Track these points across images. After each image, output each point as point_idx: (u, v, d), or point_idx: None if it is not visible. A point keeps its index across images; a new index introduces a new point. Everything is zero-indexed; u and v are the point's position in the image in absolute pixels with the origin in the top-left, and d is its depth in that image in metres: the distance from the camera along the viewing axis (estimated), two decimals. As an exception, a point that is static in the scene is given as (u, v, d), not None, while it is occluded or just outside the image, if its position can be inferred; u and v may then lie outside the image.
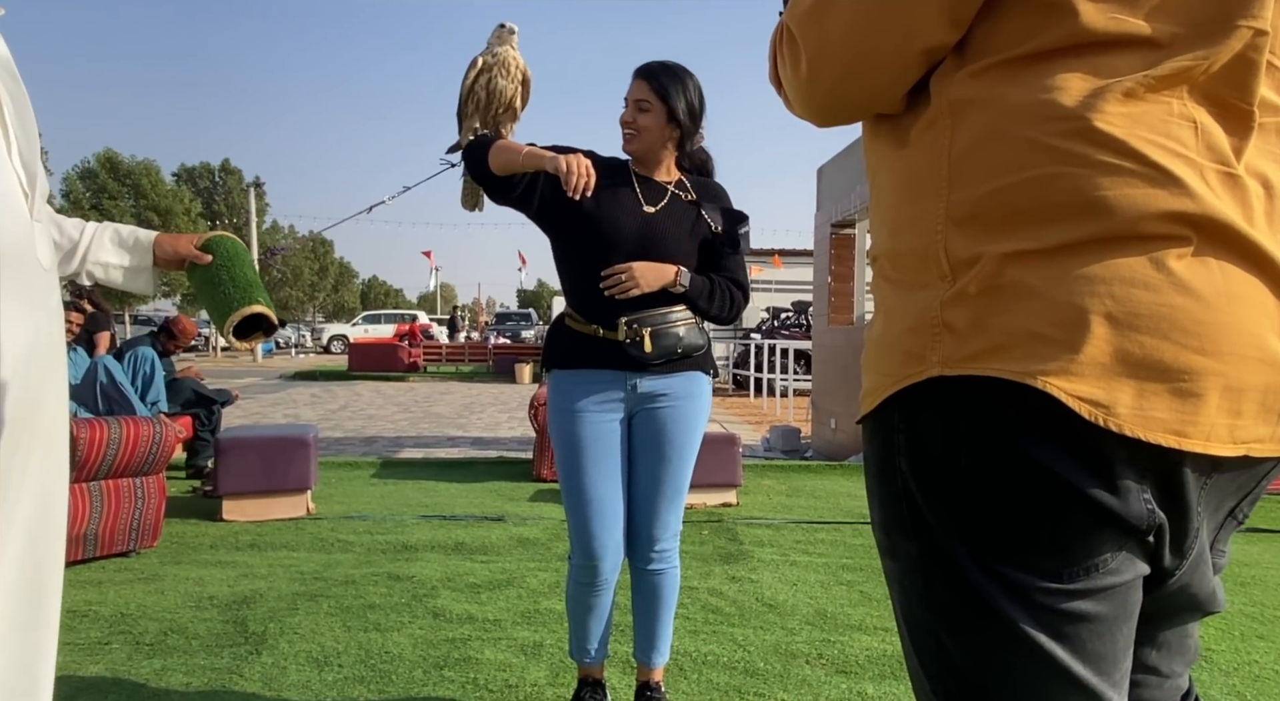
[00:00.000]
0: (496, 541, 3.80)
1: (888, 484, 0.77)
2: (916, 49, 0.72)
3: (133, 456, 3.46)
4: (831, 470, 6.14)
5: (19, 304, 1.25)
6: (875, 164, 0.82)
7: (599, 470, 1.93)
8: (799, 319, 15.83)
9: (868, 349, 0.82)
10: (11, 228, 1.24)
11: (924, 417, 0.73)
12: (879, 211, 0.81)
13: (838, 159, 8.14)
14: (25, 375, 1.26)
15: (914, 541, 0.75)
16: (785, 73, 0.80)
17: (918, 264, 0.74)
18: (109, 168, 26.96)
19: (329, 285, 49.44)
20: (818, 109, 0.80)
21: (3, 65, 1.28)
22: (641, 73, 1.95)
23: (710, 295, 1.97)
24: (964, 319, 0.70)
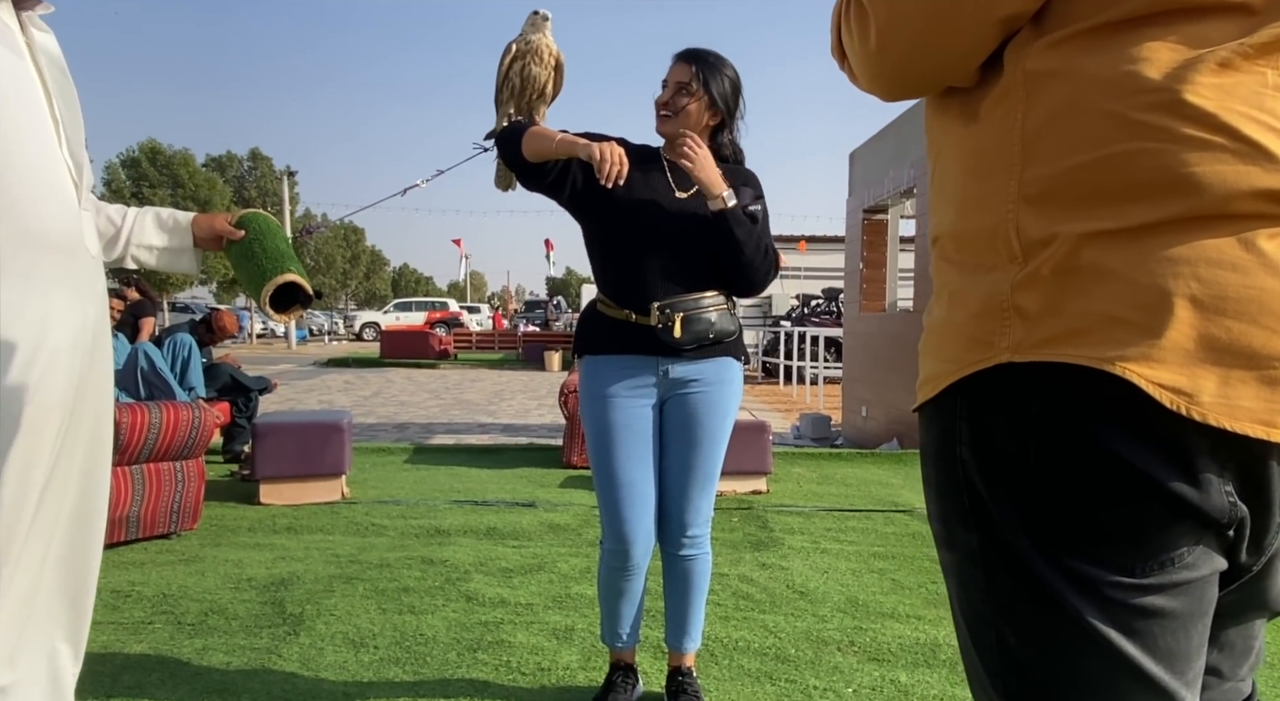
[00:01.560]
0: (527, 527, 3.83)
1: (947, 473, 0.75)
2: (995, 17, 0.68)
3: (173, 440, 3.53)
4: (863, 458, 6.09)
5: (68, 292, 1.29)
6: (940, 140, 0.79)
7: (630, 455, 1.93)
8: (829, 306, 15.70)
9: (928, 334, 0.79)
10: (62, 217, 1.28)
11: (990, 406, 0.71)
12: (942, 190, 0.78)
13: (870, 143, 8.03)
14: (72, 361, 1.30)
15: (975, 532, 0.72)
16: (852, 45, 0.77)
17: (985, 245, 0.71)
18: (151, 157, 27.48)
19: (361, 273, 50.01)
20: (886, 82, 0.77)
21: (53, 61, 1.32)
22: (684, 56, 1.94)
23: (750, 232, 1.89)
24: (1036, 302, 0.67)
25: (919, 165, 6.72)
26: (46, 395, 1.26)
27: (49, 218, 1.26)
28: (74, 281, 1.31)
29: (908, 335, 6.93)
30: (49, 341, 1.25)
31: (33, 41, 1.30)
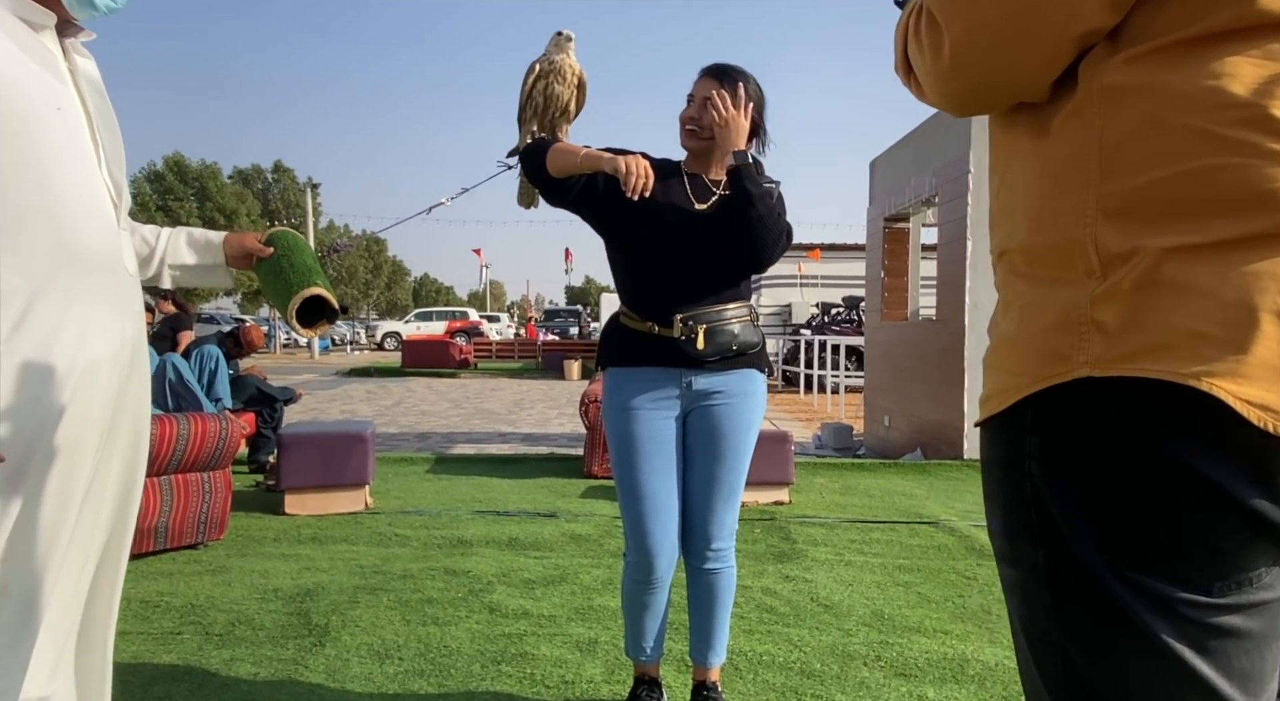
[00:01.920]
0: (549, 537, 3.84)
1: (1014, 487, 0.74)
2: (1073, 34, 0.68)
3: (200, 452, 3.57)
4: (886, 468, 6.04)
5: (107, 309, 1.33)
6: (1006, 155, 0.79)
7: (654, 467, 1.93)
8: (850, 314, 15.62)
9: (996, 347, 0.78)
10: (102, 236, 1.32)
11: (1066, 420, 0.70)
12: (1009, 204, 0.78)
13: (891, 152, 8.00)
14: (110, 375, 1.34)
15: (1041, 548, 0.72)
16: (922, 60, 0.77)
17: (1061, 259, 0.71)
18: (176, 170, 27.91)
19: (383, 283, 50.46)
20: (958, 97, 0.77)
21: (93, 85, 1.37)
22: (711, 72, 1.95)
23: (765, 192, 1.86)
24: (1117, 317, 0.66)
25: (940, 174, 6.68)
26: (85, 409, 1.30)
27: (90, 237, 1.30)
28: (113, 299, 1.34)
29: (930, 344, 6.88)
30: (88, 357, 1.29)
31: (75, 67, 1.34)
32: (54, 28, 1.30)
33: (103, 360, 1.31)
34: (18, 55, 1.22)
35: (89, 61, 1.37)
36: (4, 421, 1.20)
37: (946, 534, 4.05)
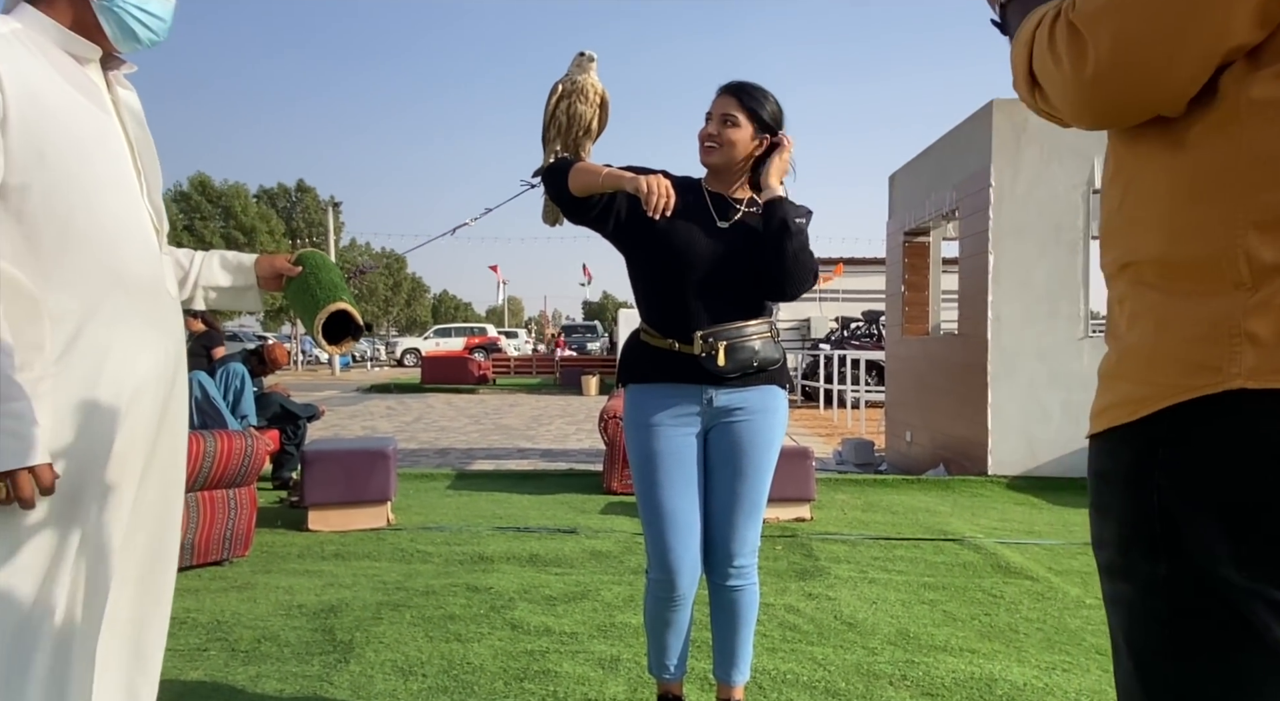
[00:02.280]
0: (570, 553, 3.83)
1: (1136, 500, 0.73)
2: (1221, 50, 0.69)
3: (226, 468, 3.61)
4: (908, 485, 5.99)
5: (153, 330, 1.39)
6: (1133, 168, 0.79)
7: (675, 484, 1.93)
8: (869, 328, 15.54)
9: (1124, 357, 0.78)
10: (146, 260, 1.39)
11: (1210, 432, 0.69)
12: (1136, 216, 0.78)
13: (910, 165, 7.98)
14: (156, 393, 1.40)
15: (1162, 562, 0.71)
16: (1059, 73, 0.77)
17: (1205, 270, 0.71)
18: (201, 190, 28.36)
19: (402, 300, 50.86)
20: (1098, 110, 0.77)
21: (134, 115, 1.43)
22: (729, 89, 1.97)
23: (801, 232, 1.90)
24: (1272, 329, 0.66)
25: (962, 188, 6.65)
26: (134, 427, 1.35)
27: (134, 262, 1.35)
28: (157, 320, 1.40)
29: (952, 358, 6.83)
30: (135, 376, 1.34)
31: (118, 99, 1.40)
32: (98, 61, 1.37)
33: (149, 379, 1.37)
34: (65, 88, 1.29)
35: (130, 92, 1.44)
36: (59, 440, 1.26)
37: (972, 551, 4.01)
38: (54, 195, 1.25)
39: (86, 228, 1.29)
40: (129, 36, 1.35)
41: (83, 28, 1.32)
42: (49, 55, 1.29)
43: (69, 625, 1.30)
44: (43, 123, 1.24)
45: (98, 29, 1.33)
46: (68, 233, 1.27)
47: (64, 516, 1.28)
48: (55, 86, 1.27)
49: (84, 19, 1.32)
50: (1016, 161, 6.15)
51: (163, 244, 1.45)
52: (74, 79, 1.31)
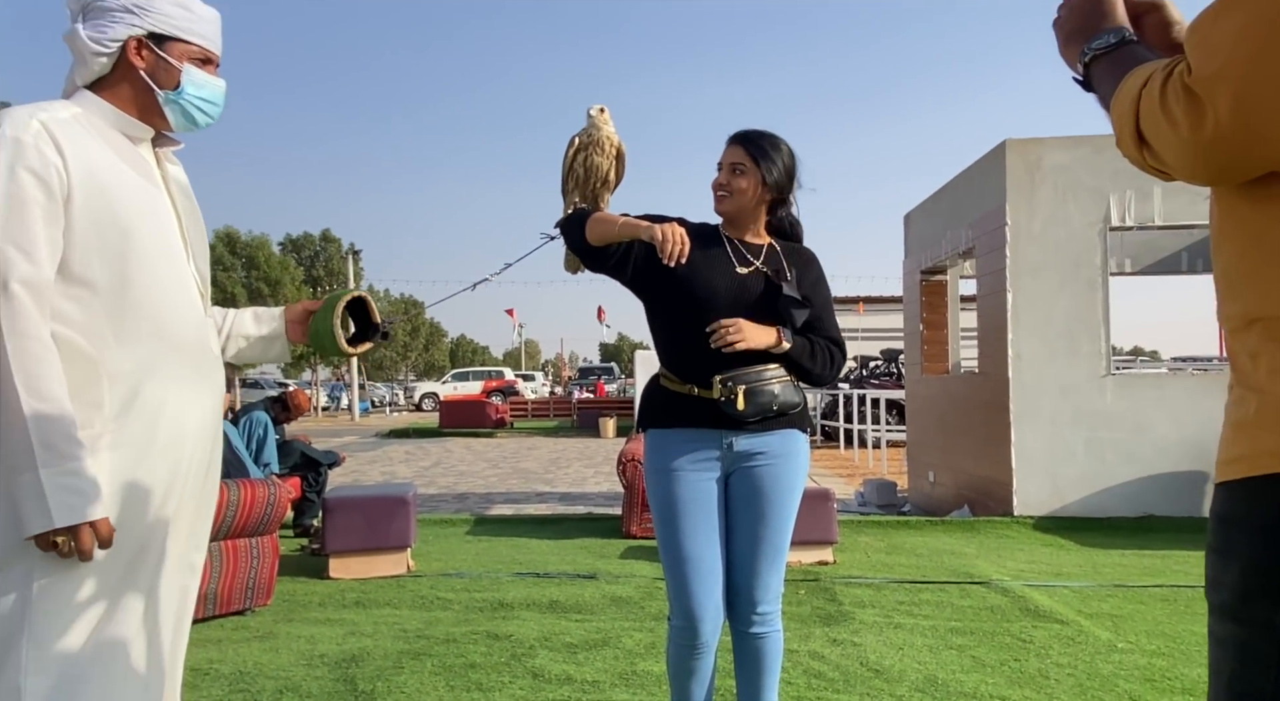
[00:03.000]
0: (590, 600, 3.80)
1: (1269, 548, 0.75)
2: None
3: (250, 517, 3.64)
4: (932, 526, 5.90)
5: (198, 388, 1.49)
6: (1263, 222, 0.80)
7: (697, 529, 1.92)
8: (889, 367, 15.46)
9: (1264, 408, 0.79)
10: (193, 324, 1.49)
11: None
12: (1267, 271, 0.80)
13: (925, 205, 8.03)
14: (199, 445, 1.49)
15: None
16: (1174, 133, 0.79)
17: None
18: (227, 243, 28.90)
19: (420, 345, 51.26)
20: (1215, 169, 0.80)
21: (182, 189, 1.56)
22: (738, 138, 2.02)
23: (812, 355, 1.99)
24: None
25: (977, 226, 6.68)
26: (186, 477, 1.45)
27: (183, 325, 1.46)
28: (202, 378, 1.50)
29: (973, 397, 6.78)
30: (187, 430, 1.45)
31: (167, 174, 1.52)
32: (149, 140, 1.50)
33: (197, 433, 1.47)
34: (120, 166, 1.41)
35: (178, 168, 1.58)
36: (119, 492, 1.35)
37: (999, 594, 3.93)
38: (110, 265, 1.36)
39: (140, 294, 1.39)
40: (189, 122, 1.50)
41: (144, 113, 1.46)
42: (106, 136, 1.42)
43: (130, 673, 1.36)
44: (101, 199, 1.35)
45: (158, 114, 1.47)
46: (123, 299, 1.37)
47: (127, 566, 1.36)
48: (111, 165, 1.39)
49: (147, 105, 1.46)
50: (1031, 200, 6.18)
51: (207, 307, 1.55)
52: (128, 157, 1.43)
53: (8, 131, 1.30)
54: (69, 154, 1.32)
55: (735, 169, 1.99)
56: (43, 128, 1.32)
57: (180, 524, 1.45)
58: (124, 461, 1.35)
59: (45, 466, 1.24)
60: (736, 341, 1.87)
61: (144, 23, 1.42)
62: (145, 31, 1.42)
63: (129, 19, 1.41)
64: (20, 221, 1.27)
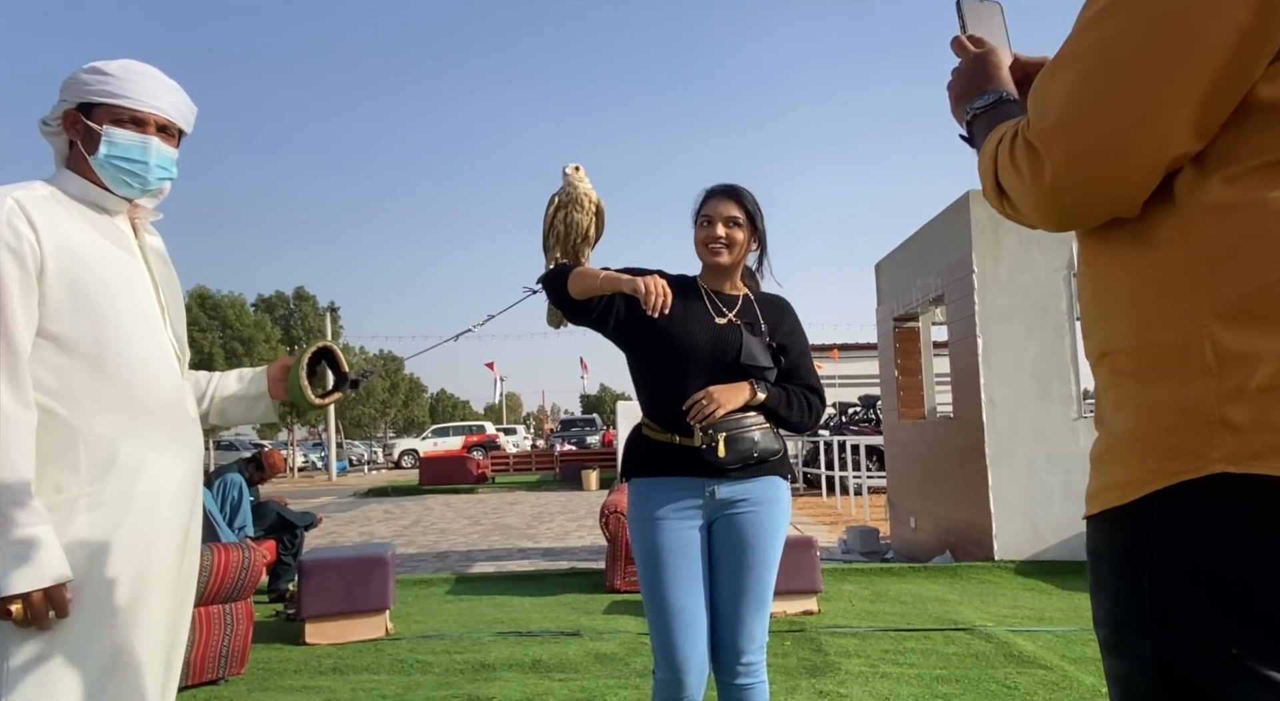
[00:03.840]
0: (574, 658, 3.74)
1: (1127, 579, 0.77)
2: (1164, 159, 0.77)
3: (224, 583, 3.56)
4: (915, 573, 5.89)
5: (176, 450, 1.51)
6: (1104, 264, 0.85)
7: (680, 579, 1.93)
8: (867, 413, 15.55)
9: (1112, 443, 0.82)
10: (169, 386, 1.52)
11: (1198, 514, 0.73)
12: (1109, 309, 0.84)
13: (895, 254, 8.20)
14: (178, 507, 1.50)
15: (1149, 639, 0.74)
16: (1020, 184, 0.84)
17: (1174, 358, 0.76)
18: (200, 302, 28.72)
19: (400, 401, 50.79)
20: (1058, 216, 0.85)
21: (159, 256, 1.60)
22: (725, 193, 2.09)
23: (788, 403, 2.03)
24: (1245, 416, 0.71)
25: (946, 274, 6.83)
26: (165, 538, 1.47)
27: (159, 389, 1.49)
28: (180, 439, 1.53)
29: (950, 442, 6.84)
30: (164, 491, 1.47)
31: (144, 243, 1.57)
32: (124, 211, 1.55)
33: (176, 494, 1.49)
34: (95, 237, 1.46)
35: (155, 236, 1.62)
36: (95, 554, 1.35)
37: (983, 641, 3.92)
38: (86, 332, 1.40)
39: (116, 360, 1.42)
40: (121, 184, 1.51)
41: (102, 182, 1.51)
42: (79, 210, 1.47)
43: None
44: (75, 269, 1.40)
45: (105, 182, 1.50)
46: (100, 365, 1.40)
47: (107, 627, 1.37)
48: (86, 237, 1.44)
49: (97, 175, 1.51)
50: (997, 248, 6.34)
51: (184, 370, 1.57)
52: (102, 228, 1.49)
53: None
54: (41, 227, 1.37)
55: (731, 222, 2.06)
56: (16, 205, 1.37)
57: (161, 586, 1.44)
58: (101, 523, 1.37)
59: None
60: (714, 411, 1.91)
61: (72, 95, 1.48)
62: (74, 103, 1.48)
63: (63, 95, 1.49)
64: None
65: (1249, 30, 0.71)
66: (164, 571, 1.46)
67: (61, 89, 1.49)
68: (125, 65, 1.51)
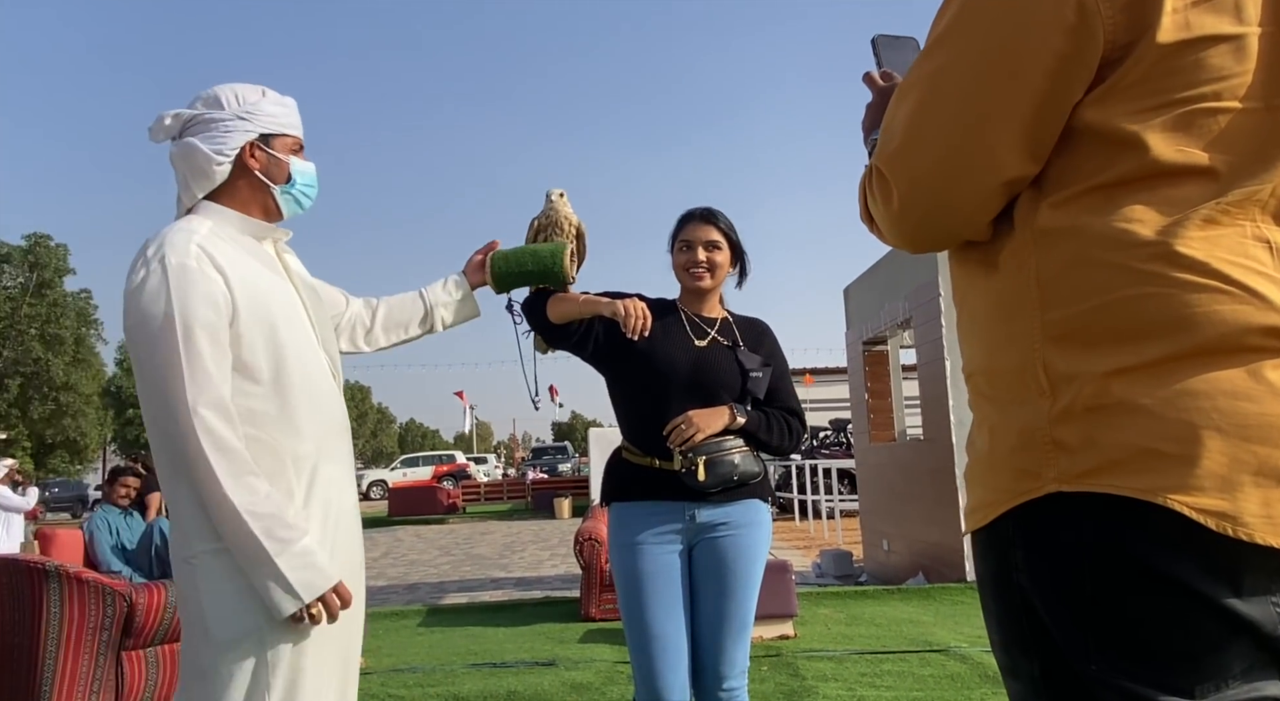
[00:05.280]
0: (549, 689, 3.68)
1: (1005, 601, 0.78)
2: (999, 181, 0.79)
3: (188, 618, 3.46)
4: (889, 595, 5.91)
5: (348, 464, 1.64)
6: (965, 287, 0.88)
7: (661, 604, 1.92)
8: (838, 437, 15.65)
9: (973, 463, 0.84)
10: (338, 404, 1.62)
11: (1045, 533, 0.74)
12: (970, 331, 0.86)
13: (863, 278, 8.33)
14: (356, 517, 1.64)
15: (1036, 660, 0.75)
16: (877, 208, 0.88)
17: (1015, 380, 0.78)
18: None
19: (368, 431, 50.12)
20: (910, 238, 0.88)
21: (301, 277, 1.65)
22: (702, 217, 2.11)
23: (768, 427, 2.03)
24: (1075, 436, 0.73)
25: (913, 298, 6.94)
26: (358, 552, 1.61)
27: (332, 407, 1.58)
28: (347, 455, 1.64)
29: (920, 464, 6.90)
30: (346, 505, 1.59)
31: (287, 264, 1.62)
32: (271, 237, 1.60)
33: (352, 509, 1.62)
34: (258, 267, 1.51)
35: (293, 256, 1.68)
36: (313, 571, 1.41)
37: (958, 662, 3.94)
38: (270, 362, 1.47)
39: (299, 383, 1.50)
40: (298, 209, 1.62)
41: (264, 211, 1.58)
42: (239, 242, 1.52)
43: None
44: (254, 303, 1.46)
45: (274, 209, 1.59)
46: (287, 390, 1.48)
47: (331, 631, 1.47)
48: (252, 269, 1.50)
49: (265, 203, 1.57)
50: (961, 271, 6.46)
51: (339, 384, 1.65)
52: (259, 257, 1.55)
53: (173, 260, 1.40)
54: (225, 268, 1.44)
55: (712, 246, 2.08)
56: (201, 251, 1.42)
57: (360, 589, 1.57)
58: (315, 537, 1.47)
59: (278, 556, 1.35)
60: (693, 435, 1.91)
61: (255, 126, 1.52)
62: (257, 134, 1.52)
63: (243, 126, 1.51)
64: (196, 348, 1.38)
65: (1067, 56, 0.74)
66: (360, 575, 1.59)
67: (232, 119, 1.50)
68: (280, 96, 1.60)
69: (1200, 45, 0.72)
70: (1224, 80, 0.73)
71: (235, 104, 1.51)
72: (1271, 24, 0.73)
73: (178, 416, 1.35)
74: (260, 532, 1.35)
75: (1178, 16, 0.72)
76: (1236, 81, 0.73)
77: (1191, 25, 0.72)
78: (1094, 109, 0.76)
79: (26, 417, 22.55)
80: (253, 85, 1.56)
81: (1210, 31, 0.72)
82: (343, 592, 1.43)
